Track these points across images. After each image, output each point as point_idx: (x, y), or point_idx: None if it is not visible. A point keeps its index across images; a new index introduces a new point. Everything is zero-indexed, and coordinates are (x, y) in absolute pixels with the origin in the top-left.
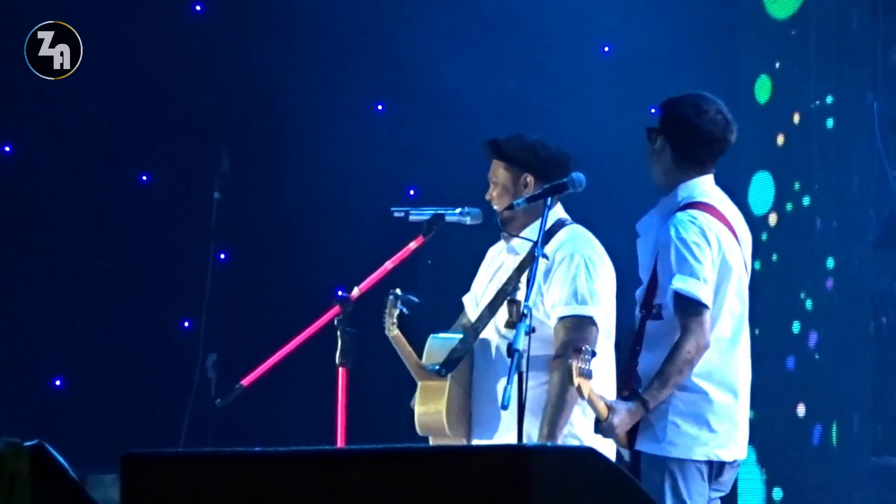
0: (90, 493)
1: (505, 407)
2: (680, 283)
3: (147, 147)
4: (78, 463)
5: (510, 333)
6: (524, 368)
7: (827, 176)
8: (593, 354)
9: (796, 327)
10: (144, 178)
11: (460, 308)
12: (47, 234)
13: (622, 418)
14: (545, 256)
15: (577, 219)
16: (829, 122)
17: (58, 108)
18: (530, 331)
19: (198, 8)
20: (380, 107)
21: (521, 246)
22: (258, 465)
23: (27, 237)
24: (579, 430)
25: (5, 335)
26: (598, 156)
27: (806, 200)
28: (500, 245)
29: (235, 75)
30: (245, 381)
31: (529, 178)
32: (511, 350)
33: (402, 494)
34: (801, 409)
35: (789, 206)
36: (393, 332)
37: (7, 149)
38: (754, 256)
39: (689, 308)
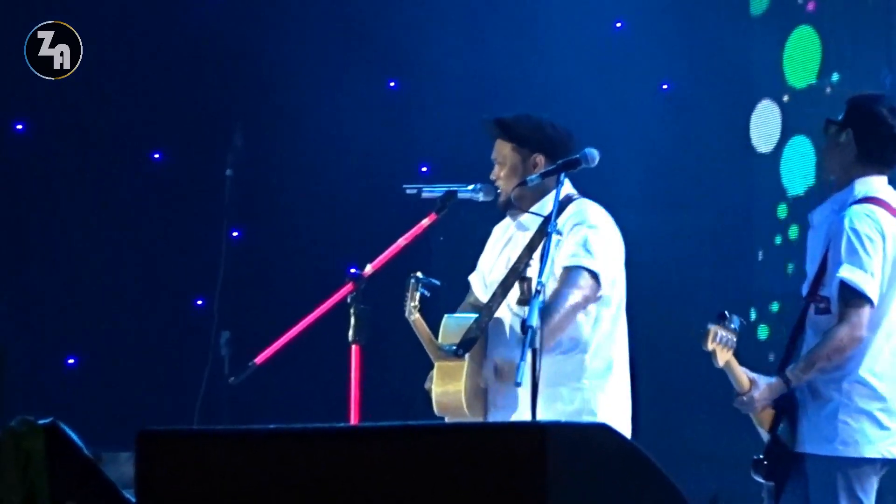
0: (105, 471)
1: (519, 384)
2: (847, 273)
3: (159, 125)
4: (92, 441)
5: (523, 311)
6: (538, 345)
7: None
8: (740, 325)
9: None
10: (157, 155)
11: (469, 286)
12: (60, 213)
13: (762, 393)
14: (559, 233)
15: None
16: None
17: (69, 86)
18: (544, 307)
19: None
20: (392, 84)
21: (531, 222)
22: (272, 442)
23: (40, 215)
24: (597, 406)
25: (19, 314)
26: (608, 133)
27: None
28: (506, 222)
29: (248, 52)
30: (258, 360)
31: (539, 158)
32: (525, 327)
33: (417, 471)
34: None
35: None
36: (414, 315)
37: (20, 127)
38: None
39: (852, 298)
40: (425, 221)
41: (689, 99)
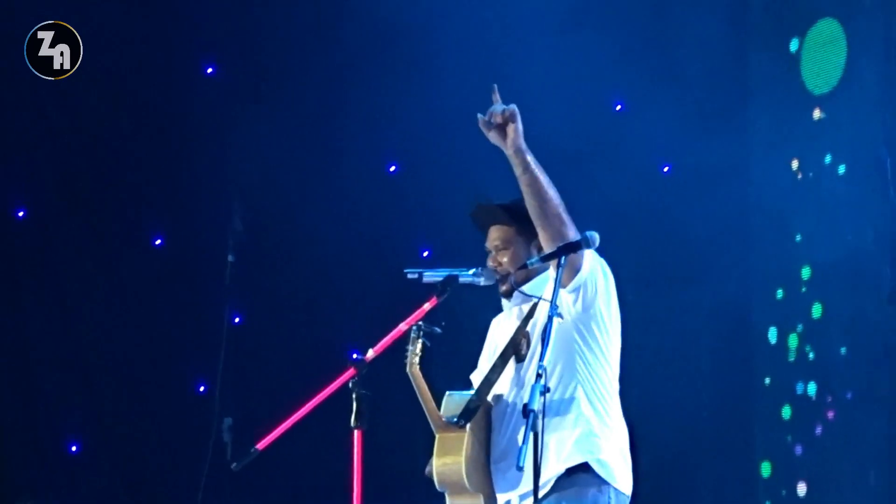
0: None
1: (520, 468)
2: None
3: (160, 210)
4: None
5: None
6: (539, 429)
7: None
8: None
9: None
10: (158, 241)
11: (475, 367)
12: (62, 299)
13: None
14: (560, 315)
15: None
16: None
17: (70, 173)
18: (545, 391)
19: (209, 70)
20: (392, 168)
21: (526, 301)
22: None
23: (42, 301)
24: (602, 450)
25: (22, 399)
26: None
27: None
28: (501, 316)
29: (247, 137)
30: (260, 445)
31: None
32: (526, 411)
33: None
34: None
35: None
36: (414, 367)
37: (21, 213)
38: None
39: None
40: (427, 305)
41: (690, 181)
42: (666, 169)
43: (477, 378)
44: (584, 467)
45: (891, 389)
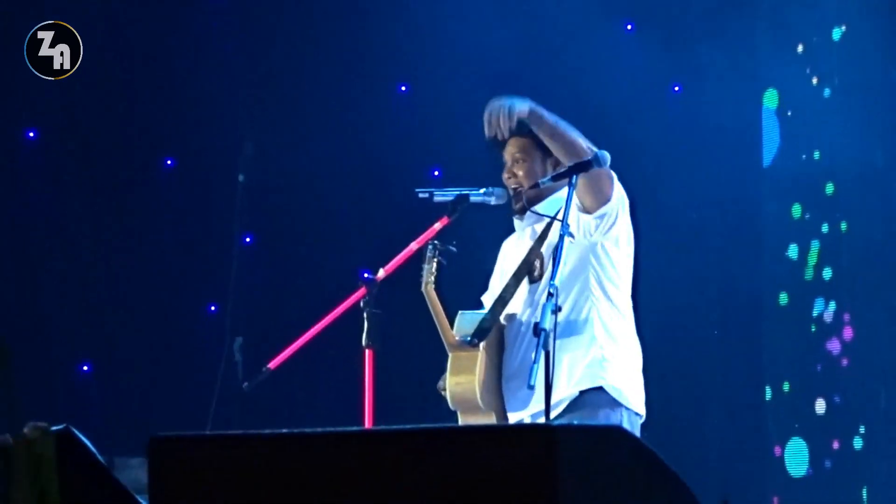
0: (117, 476)
1: (531, 387)
2: None
3: (171, 132)
4: (106, 447)
5: (533, 288)
6: (551, 348)
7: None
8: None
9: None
10: (169, 162)
11: (486, 288)
12: (72, 220)
13: None
14: (571, 235)
15: None
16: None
17: (81, 94)
18: (556, 310)
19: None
20: (403, 88)
21: (539, 221)
22: (284, 445)
23: (52, 224)
24: (612, 372)
25: (32, 322)
26: (620, 133)
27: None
28: (513, 237)
29: (258, 59)
30: (272, 364)
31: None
32: (537, 330)
33: (430, 473)
34: None
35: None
36: (429, 286)
37: (31, 134)
38: None
39: None
40: (437, 225)
41: (700, 101)
42: (676, 88)
43: (489, 299)
44: (597, 389)
45: None
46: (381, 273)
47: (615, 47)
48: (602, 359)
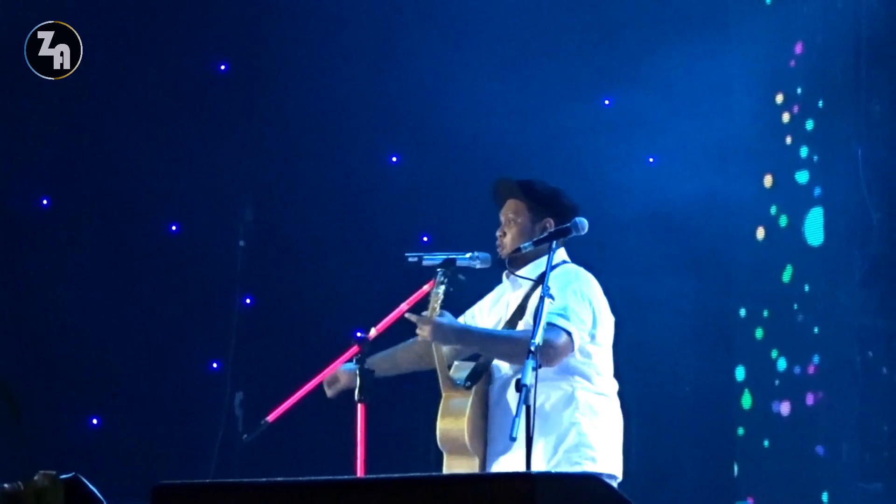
0: None
1: (513, 439)
2: None
3: (175, 199)
4: (112, 495)
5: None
6: (531, 402)
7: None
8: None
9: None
10: (174, 228)
11: None
12: (83, 282)
13: None
14: (551, 297)
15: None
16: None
17: (92, 165)
18: (537, 367)
19: (223, 67)
20: (394, 159)
21: (524, 283)
22: (281, 493)
23: (64, 285)
24: (593, 440)
25: (45, 378)
26: (601, 202)
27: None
28: (502, 287)
29: (257, 131)
30: (270, 418)
31: (549, 222)
32: (519, 385)
33: None
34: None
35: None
36: (434, 314)
37: (45, 202)
38: None
39: None
40: (426, 287)
41: (675, 171)
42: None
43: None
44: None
45: (862, 366)
46: (373, 332)
47: (594, 119)
48: (580, 444)
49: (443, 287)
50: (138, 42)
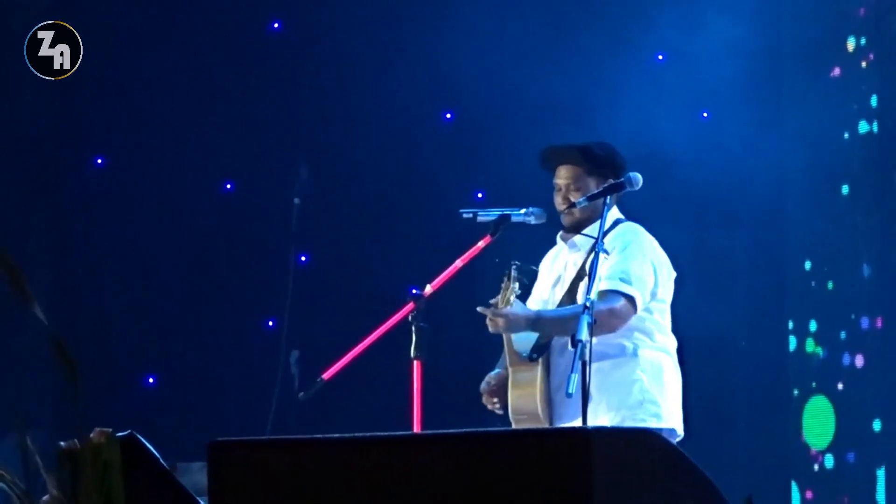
0: (180, 479)
1: (570, 395)
2: None
3: (230, 158)
4: (168, 453)
5: None
6: (587, 357)
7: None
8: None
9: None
10: (228, 186)
11: (528, 303)
12: (140, 243)
13: None
14: (606, 252)
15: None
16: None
17: (145, 125)
18: (592, 322)
19: (276, 25)
20: (448, 115)
21: (582, 243)
22: (336, 449)
23: (121, 245)
24: (657, 396)
25: (103, 338)
26: (652, 158)
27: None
28: (555, 249)
29: (313, 89)
30: (326, 375)
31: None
32: (574, 341)
33: (472, 475)
34: None
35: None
36: (510, 306)
37: (99, 161)
38: None
39: None
40: (481, 243)
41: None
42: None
43: (534, 305)
44: None
45: None
46: (429, 289)
47: (645, 76)
48: (643, 401)
49: (517, 283)
50: (194, 1)
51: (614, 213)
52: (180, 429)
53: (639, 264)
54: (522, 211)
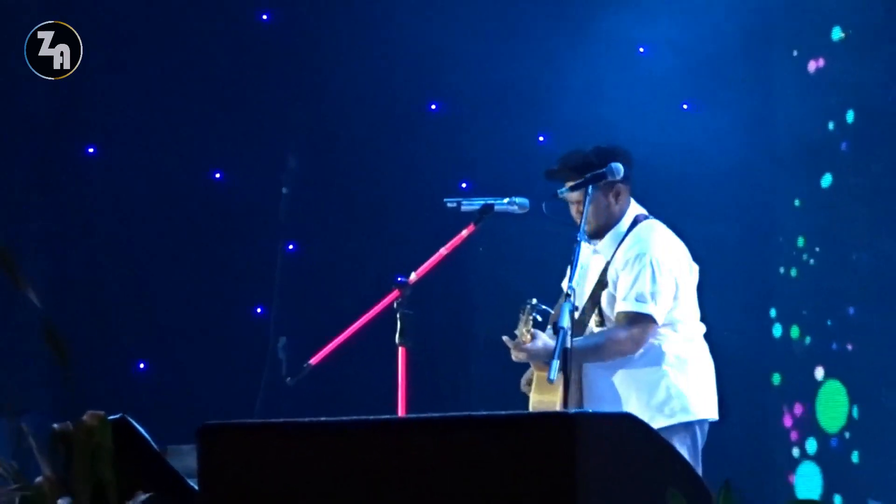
0: (170, 462)
1: (551, 381)
2: None
3: (220, 147)
4: (159, 436)
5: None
6: (569, 345)
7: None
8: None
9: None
10: (218, 175)
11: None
12: (131, 231)
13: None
14: (588, 241)
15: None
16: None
17: (138, 114)
18: (573, 310)
19: (265, 17)
20: (433, 107)
21: (603, 248)
22: (323, 432)
23: (113, 234)
24: (694, 403)
25: (95, 323)
26: (635, 150)
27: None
28: (584, 247)
29: (301, 81)
30: (313, 361)
31: (620, 186)
32: (556, 328)
33: (456, 458)
34: None
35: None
36: (526, 338)
37: (91, 150)
38: None
39: None
40: (464, 232)
41: (707, 117)
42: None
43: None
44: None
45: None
46: (413, 277)
47: (629, 68)
48: (669, 396)
49: (531, 318)
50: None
51: (634, 210)
52: (171, 412)
53: (655, 277)
54: (505, 200)
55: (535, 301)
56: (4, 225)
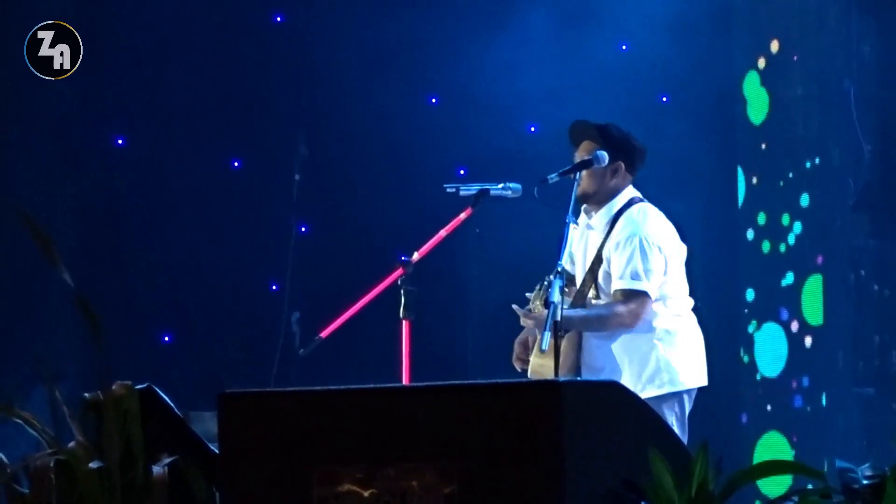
0: (192, 427)
1: (543, 350)
2: None
3: (238, 138)
4: (182, 403)
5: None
6: (559, 318)
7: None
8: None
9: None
10: (236, 163)
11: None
12: (157, 214)
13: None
14: (576, 223)
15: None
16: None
17: (163, 108)
18: (564, 285)
19: (278, 18)
20: (433, 100)
21: (597, 224)
22: (332, 399)
23: (140, 217)
24: (673, 362)
25: (123, 299)
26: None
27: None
28: (583, 222)
29: (312, 77)
30: (323, 333)
31: (619, 164)
32: (547, 302)
33: (453, 422)
34: None
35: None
36: (539, 309)
37: (120, 141)
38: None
39: None
40: (462, 215)
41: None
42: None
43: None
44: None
45: (854, 282)
46: (416, 256)
47: (609, 65)
48: (659, 369)
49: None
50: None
51: (629, 192)
52: (193, 381)
53: (647, 255)
54: (500, 186)
55: (552, 278)
56: (40, 208)
